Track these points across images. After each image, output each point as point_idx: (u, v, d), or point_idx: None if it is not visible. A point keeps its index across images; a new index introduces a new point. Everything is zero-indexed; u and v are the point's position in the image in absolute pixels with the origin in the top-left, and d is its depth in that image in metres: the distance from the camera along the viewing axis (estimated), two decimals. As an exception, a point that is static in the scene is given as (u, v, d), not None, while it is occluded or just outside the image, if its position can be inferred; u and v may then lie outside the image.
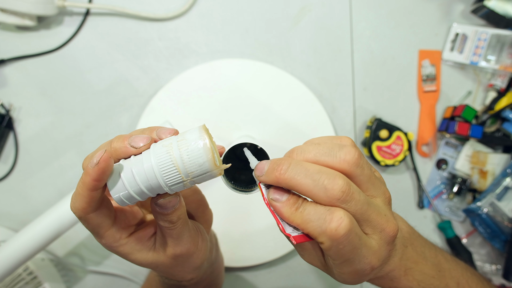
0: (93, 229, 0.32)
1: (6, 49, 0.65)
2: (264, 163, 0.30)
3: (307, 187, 0.28)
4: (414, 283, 0.36)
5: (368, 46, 0.68)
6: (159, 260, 0.35)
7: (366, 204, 0.28)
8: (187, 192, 0.38)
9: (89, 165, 0.27)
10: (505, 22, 0.65)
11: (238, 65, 0.65)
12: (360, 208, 0.28)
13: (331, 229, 0.26)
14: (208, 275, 0.44)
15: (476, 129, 0.64)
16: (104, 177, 0.28)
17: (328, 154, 0.29)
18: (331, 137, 0.32)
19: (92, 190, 0.28)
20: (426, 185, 0.69)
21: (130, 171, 0.28)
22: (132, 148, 0.29)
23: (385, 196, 0.31)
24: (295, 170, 0.28)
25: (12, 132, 0.65)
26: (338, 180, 0.27)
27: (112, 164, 0.28)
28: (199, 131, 0.28)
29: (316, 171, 0.28)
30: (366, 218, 0.29)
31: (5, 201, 0.66)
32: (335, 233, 0.27)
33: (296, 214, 0.28)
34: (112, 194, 0.29)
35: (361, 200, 0.28)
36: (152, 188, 0.28)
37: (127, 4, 0.65)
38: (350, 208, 0.28)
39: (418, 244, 0.38)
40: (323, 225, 0.27)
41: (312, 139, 0.32)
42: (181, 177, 0.28)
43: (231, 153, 0.34)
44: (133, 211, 0.36)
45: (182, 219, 0.33)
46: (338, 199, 0.27)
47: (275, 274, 0.68)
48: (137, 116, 0.66)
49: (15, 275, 0.59)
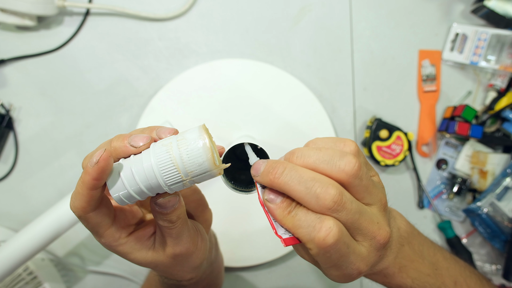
0: (92, 228, 0.32)
1: (6, 49, 0.65)
2: (261, 163, 0.30)
3: (300, 193, 0.28)
4: (408, 280, 0.37)
5: (368, 46, 0.68)
6: (159, 259, 0.35)
7: (358, 213, 0.29)
8: (187, 192, 0.38)
9: (89, 164, 0.27)
10: (505, 22, 0.65)
11: (238, 65, 0.65)
12: (351, 217, 0.28)
13: (319, 237, 0.27)
14: (207, 275, 0.44)
15: (476, 129, 0.64)
16: (104, 176, 0.28)
17: (327, 162, 0.29)
18: (335, 140, 0.31)
19: (91, 189, 0.28)
20: (426, 185, 0.69)
21: (129, 170, 0.28)
22: (131, 147, 0.29)
23: (381, 203, 0.31)
24: (289, 175, 0.28)
25: (12, 132, 0.65)
26: (330, 189, 0.28)
27: (111, 163, 0.28)
28: (198, 131, 0.28)
29: (310, 178, 0.28)
30: (357, 226, 0.29)
31: (5, 201, 0.66)
32: (322, 242, 0.27)
33: (288, 218, 0.29)
34: (111, 193, 0.29)
35: (353, 210, 0.28)
36: (151, 187, 0.28)
37: (127, 4, 0.65)
38: (341, 217, 0.28)
39: (417, 242, 0.38)
40: (312, 233, 0.27)
41: (315, 140, 0.32)
42: (180, 177, 0.28)
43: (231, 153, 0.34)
44: (132, 210, 0.36)
45: (182, 219, 0.33)
46: (329, 209, 0.28)
47: (275, 274, 0.68)
48: (137, 116, 0.66)
49: (15, 275, 0.59)
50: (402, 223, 0.37)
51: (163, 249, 0.34)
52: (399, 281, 0.37)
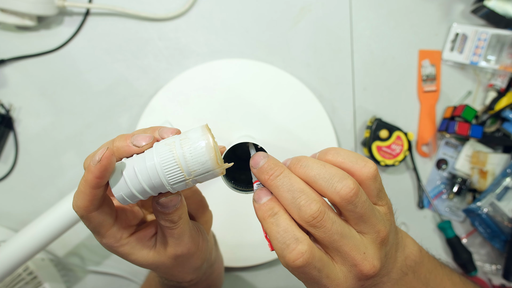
0: (94, 228, 0.32)
1: (6, 49, 0.65)
2: (262, 157, 0.30)
3: (285, 201, 0.29)
4: None
5: (368, 46, 0.68)
6: (160, 260, 0.34)
7: (339, 236, 0.28)
8: (187, 193, 0.38)
9: (91, 163, 0.27)
10: (505, 22, 0.65)
11: (238, 65, 0.65)
12: (329, 237, 0.28)
13: (289, 258, 0.27)
14: (207, 276, 0.44)
15: (476, 129, 0.64)
16: (106, 174, 0.28)
17: (326, 180, 0.28)
18: (357, 157, 0.30)
19: (94, 188, 0.28)
20: (426, 185, 0.69)
21: (132, 169, 0.28)
22: (134, 147, 0.29)
23: (378, 234, 0.30)
24: (282, 181, 0.29)
25: (12, 132, 0.65)
26: (313, 205, 0.28)
27: (114, 161, 0.28)
28: (202, 130, 0.28)
29: (299, 189, 0.28)
30: (336, 247, 0.29)
31: (5, 201, 0.66)
32: (292, 264, 0.27)
33: (267, 221, 0.29)
34: (114, 192, 0.29)
35: (333, 230, 0.28)
36: (154, 186, 0.28)
37: (127, 4, 0.65)
38: (317, 234, 0.28)
39: (424, 270, 0.36)
40: (284, 250, 0.27)
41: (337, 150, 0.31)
42: (183, 176, 0.28)
43: (231, 153, 0.34)
44: (133, 211, 0.36)
45: (183, 219, 0.33)
46: (307, 223, 0.28)
47: (275, 274, 0.68)
48: (137, 116, 0.66)
49: (15, 275, 0.59)
50: (412, 252, 0.35)
51: (164, 249, 0.34)
52: None
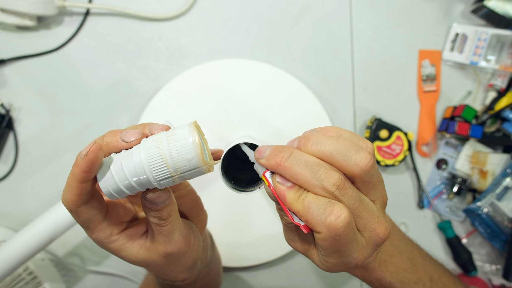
0: (83, 223, 0.32)
1: (6, 49, 0.65)
2: (266, 147, 0.31)
3: (306, 177, 0.28)
4: (387, 274, 0.38)
5: (368, 46, 0.68)
6: (151, 258, 0.34)
7: (359, 201, 0.29)
8: (182, 193, 0.38)
9: (78, 157, 0.28)
10: (505, 22, 0.65)
11: (238, 65, 0.65)
12: (353, 203, 0.29)
13: (330, 220, 0.27)
14: (203, 276, 0.44)
15: (476, 129, 0.64)
16: (93, 168, 0.28)
17: (344, 154, 0.28)
18: (355, 136, 0.31)
19: (81, 182, 0.28)
20: (426, 185, 0.69)
21: (120, 164, 0.29)
22: (123, 142, 0.30)
23: (383, 200, 0.32)
24: (296, 159, 0.29)
25: (12, 132, 0.65)
26: (333, 173, 0.28)
27: (101, 155, 0.28)
28: (189, 127, 0.29)
29: (315, 163, 0.28)
30: (358, 214, 0.29)
31: (5, 201, 0.66)
32: (334, 224, 0.27)
33: (298, 201, 0.29)
34: (101, 186, 0.29)
35: (354, 196, 0.29)
36: (141, 182, 0.29)
37: (127, 4, 0.65)
38: (343, 202, 0.28)
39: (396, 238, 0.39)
40: (323, 215, 0.27)
41: (336, 129, 0.31)
42: (169, 172, 0.28)
43: (231, 153, 0.34)
44: (125, 207, 0.36)
45: (173, 216, 0.33)
46: (331, 193, 0.28)
47: (275, 274, 0.68)
48: (137, 116, 0.66)
49: (15, 275, 0.59)
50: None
51: (155, 247, 0.34)
52: (378, 275, 0.38)
